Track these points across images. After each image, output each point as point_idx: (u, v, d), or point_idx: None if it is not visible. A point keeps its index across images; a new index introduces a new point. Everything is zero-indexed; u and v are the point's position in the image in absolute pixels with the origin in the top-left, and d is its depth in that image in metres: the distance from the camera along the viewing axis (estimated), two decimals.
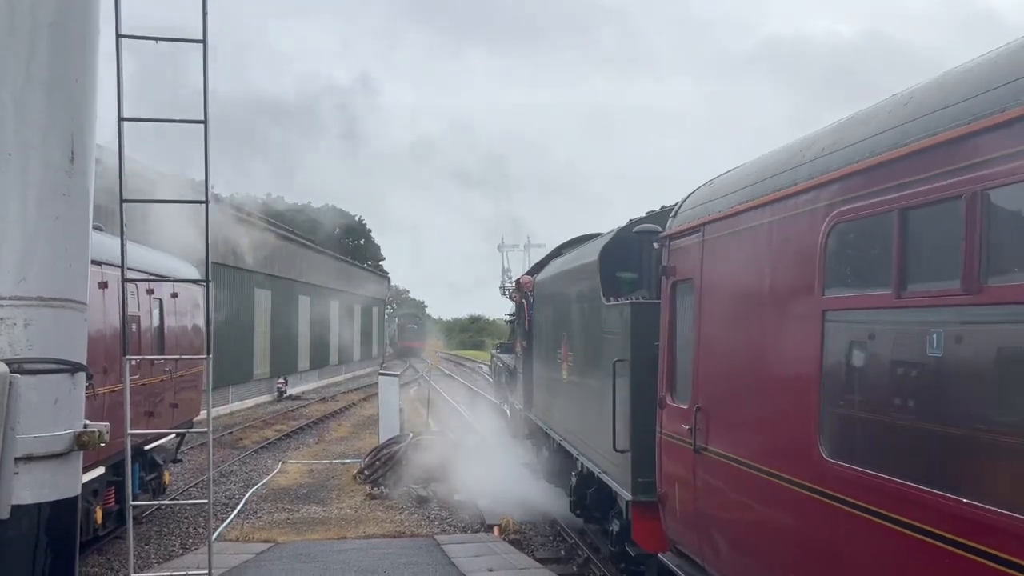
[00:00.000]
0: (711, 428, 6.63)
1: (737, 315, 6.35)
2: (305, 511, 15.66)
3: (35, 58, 2.95)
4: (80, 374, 3.10)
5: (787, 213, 5.54)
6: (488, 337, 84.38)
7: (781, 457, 5.46)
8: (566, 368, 12.36)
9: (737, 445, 6.18)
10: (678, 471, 7.35)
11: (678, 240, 7.68)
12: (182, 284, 15.36)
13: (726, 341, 6.51)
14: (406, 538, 13.42)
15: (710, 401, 6.72)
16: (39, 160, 2.95)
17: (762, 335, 5.87)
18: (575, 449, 11.70)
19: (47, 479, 2.94)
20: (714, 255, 6.81)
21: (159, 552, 13.01)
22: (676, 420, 7.35)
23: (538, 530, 14.05)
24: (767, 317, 5.79)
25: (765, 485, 5.65)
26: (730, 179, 6.91)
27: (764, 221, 5.89)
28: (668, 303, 7.82)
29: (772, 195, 5.76)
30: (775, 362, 5.66)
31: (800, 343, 5.26)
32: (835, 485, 4.77)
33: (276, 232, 43.42)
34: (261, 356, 39.08)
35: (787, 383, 5.45)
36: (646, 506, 8.52)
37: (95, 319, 10.48)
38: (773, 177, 5.84)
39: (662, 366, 7.88)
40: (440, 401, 34.17)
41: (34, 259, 2.94)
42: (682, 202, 7.91)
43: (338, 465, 20.37)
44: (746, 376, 6.14)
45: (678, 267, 7.66)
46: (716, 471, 6.53)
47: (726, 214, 6.60)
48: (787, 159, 5.78)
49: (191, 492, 17.17)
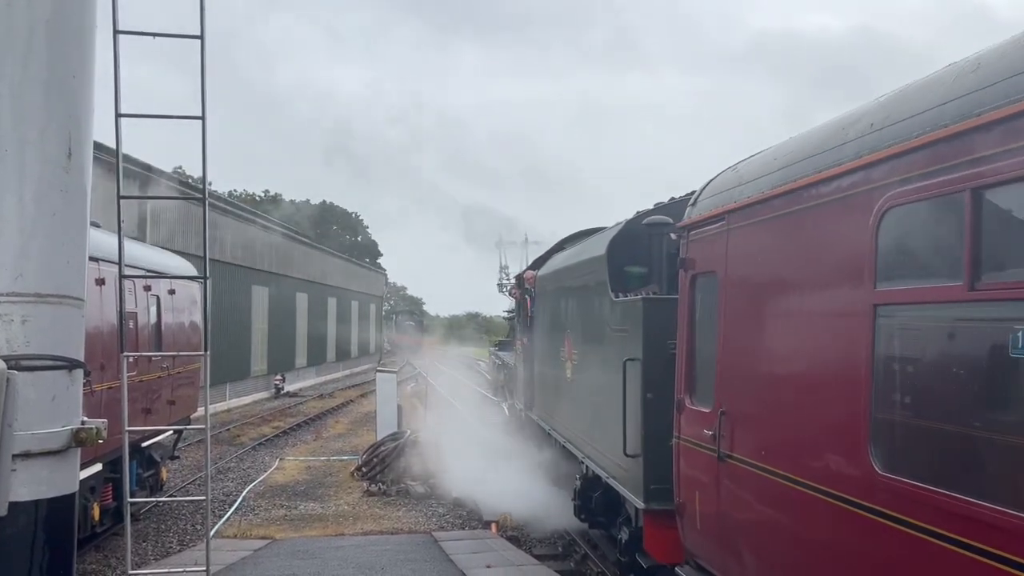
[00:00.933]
0: (737, 434, 6.10)
1: (768, 311, 5.79)
2: (303, 508, 15.66)
3: (32, 54, 2.95)
4: (78, 371, 3.09)
5: (829, 197, 5.00)
6: (486, 334, 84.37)
7: (823, 468, 4.92)
8: (570, 367, 11.99)
9: (768, 453, 5.63)
10: (699, 479, 6.83)
11: (698, 230, 7.13)
12: (180, 281, 15.34)
13: (755, 339, 5.96)
14: (404, 535, 13.43)
15: (736, 405, 6.18)
16: (36, 156, 2.94)
17: (798, 333, 5.33)
18: (580, 452, 11.28)
19: (45, 476, 2.93)
20: (740, 245, 6.27)
21: (157, 549, 13.01)
22: (697, 424, 6.83)
23: (535, 527, 14.05)
24: (804, 313, 5.27)
25: (802, 499, 5.11)
26: (758, 162, 6.33)
27: (801, 207, 5.32)
28: (687, 298, 7.29)
29: (810, 178, 5.19)
30: (814, 363, 5.13)
31: (846, 342, 4.71)
32: (889, 502, 4.26)
33: (274, 229, 43.39)
34: (259, 353, 39.07)
35: (829, 386, 4.92)
36: (659, 515, 8.05)
37: (92, 316, 10.46)
38: (811, 158, 5.28)
39: (680, 366, 7.36)
40: (438, 398, 34.17)
41: (31, 255, 2.93)
42: (702, 189, 7.34)
43: (336, 462, 20.37)
44: (779, 378, 5.61)
45: (698, 259, 7.13)
46: (743, 481, 5.99)
47: (755, 200, 5.99)
48: (827, 138, 5.21)
49: (189, 489, 17.16)
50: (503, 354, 24.19)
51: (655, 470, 8.09)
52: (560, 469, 13.33)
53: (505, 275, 36.05)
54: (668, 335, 7.95)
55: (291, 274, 44.77)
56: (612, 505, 10.23)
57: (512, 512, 14.10)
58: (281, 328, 42.53)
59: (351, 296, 61.21)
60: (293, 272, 45.10)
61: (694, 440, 6.88)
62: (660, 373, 8.05)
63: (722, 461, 6.25)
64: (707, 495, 6.63)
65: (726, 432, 6.22)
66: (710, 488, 6.54)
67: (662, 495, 7.93)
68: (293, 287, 45.47)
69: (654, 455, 8.10)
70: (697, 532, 6.89)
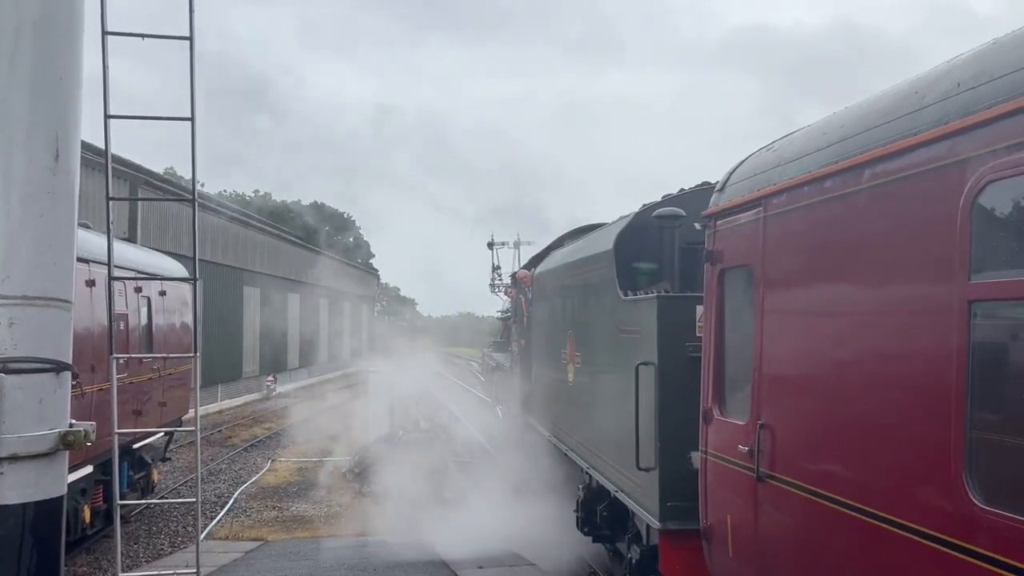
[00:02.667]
0: (781, 451, 5.36)
1: (822, 310, 5.04)
2: (294, 509, 15.63)
3: (19, 56, 2.94)
4: (65, 373, 3.08)
5: (902, 174, 4.26)
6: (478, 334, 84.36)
7: (900, 497, 4.19)
8: (573, 370, 11.24)
9: (823, 476, 4.88)
10: (731, 500, 6.09)
11: (728, 219, 6.33)
12: (170, 282, 15.31)
13: (804, 343, 5.19)
14: (396, 535, 13.41)
15: (780, 417, 5.41)
16: (23, 158, 2.93)
17: (864, 335, 4.55)
18: (584, 461, 10.51)
19: (32, 479, 2.93)
20: (782, 234, 5.49)
21: (148, 551, 12.97)
22: (729, 438, 6.08)
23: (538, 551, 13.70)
24: (872, 311, 4.50)
25: (872, 532, 4.35)
26: (802, 139, 5.56)
27: (863, 186, 4.57)
28: (715, 295, 6.51)
29: (875, 151, 4.43)
30: (887, 371, 4.35)
31: (930, 345, 3.96)
32: (994, 543, 3.53)
33: (265, 230, 43.31)
34: (250, 354, 38.98)
35: (909, 398, 4.14)
36: (677, 535, 7.39)
37: (82, 317, 10.43)
38: (874, 129, 4.53)
39: (707, 372, 6.58)
40: (429, 399, 34.14)
41: (18, 257, 2.92)
42: (731, 173, 6.57)
43: (328, 463, 20.34)
44: (837, 388, 4.80)
45: (728, 251, 6.34)
46: (789, 506, 5.24)
47: (801, 181, 5.19)
48: (894, 105, 4.48)
49: (180, 491, 17.11)
50: (497, 355, 24.01)
51: (672, 485, 7.46)
52: (560, 478, 12.57)
53: (497, 275, 35.99)
54: (686, 337, 7.40)
55: (282, 275, 44.69)
56: (618, 518, 9.61)
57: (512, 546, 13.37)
58: (272, 329, 42.44)
59: (343, 297, 61.13)
60: (284, 273, 45.02)
61: (725, 456, 6.16)
62: (677, 378, 7.45)
63: (761, 481, 5.50)
64: (741, 519, 5.90)
65: (766, 448, 5.47)
66: (745, 511, 5.81)
67: (680, 513, 7.36)
68: (285, 288, 45.38)
69: (670, 469, 7.46)
70: (728, 559, 6.15)
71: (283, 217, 61.43)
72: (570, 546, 11.81)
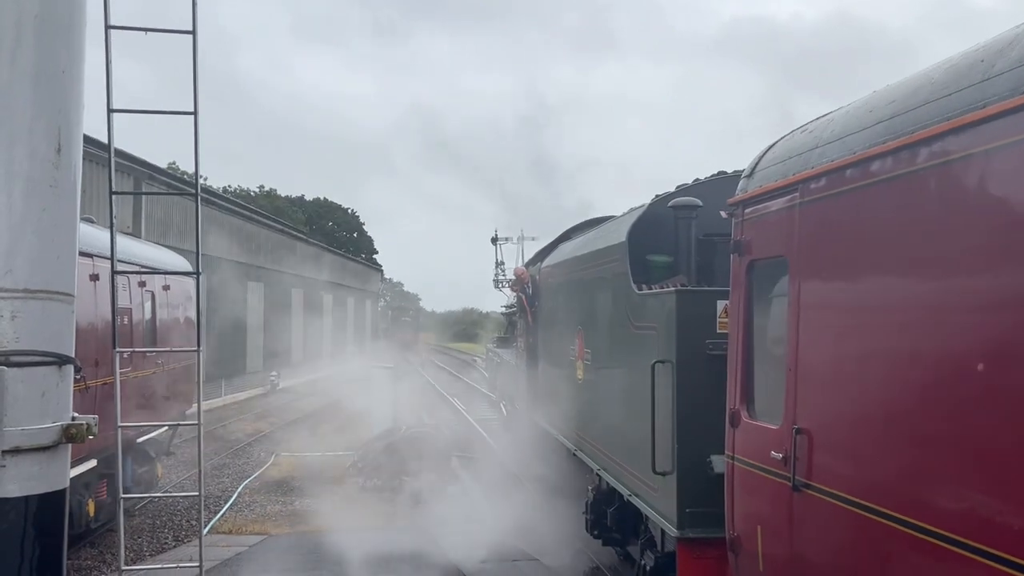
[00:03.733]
0: (820, 458, 4.95)
1: (874, 302, 4.56)
2: (298, 503, 15.66)
3: (21, 49, 2.94)
4: (68, 366, 3.09)
5: (968, 150, 3.83)
6: (481, 330, 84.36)
7: (968, 515, 3.72)
8: (582, 367, 10.88)
9: (872, 487, 4.42)
10: (762, 511, 5.68)
11: (757, 206, 5.91)
12: (174, 277, 15.33)
13: (850, 339, 4.75)
14: (399, 529, 13.43)
15: (819, 421, 4.99)
16: (25, 151, 2.93)
17: (926, 331, 4.10)
18: (595, 462, 10.12)
19: (35, 472, 2.93)
20: (821, 221, 5.07)
21: (152, 545, 13.00)
22: (760, 443, 5.66)
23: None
24: (937, 304, 4.05)
25: (931, 553, 3.88)
26: (843, 118, 5.12)
27: (922, 165, 4.14)
28: (743, 288, 6.09)
29: (937, 127, 4.00)
30: (952, 373, 3.90)
31: (1007, 344, 3.56)
32: None
33: (269, 225, 43.35)
34: (254, 349, 39.05)
35: (989, 405, 3.67)
36: (696, 543, 7.04)
37: (87, 312, 10.45)
38: (931, 103, 4.14)
39: (734, 371, 6.15)
40: (433, 394, 34.17)
41: (21, 251, 2.93)
42: (761, 157, 6.13)
43: (331, 457, 20.36)
44: (891, 390, 4.35)
45: (758, 241, 5.91)
46: (830, 519, 4.82)
47: (844, 163, 4.78)
48: (955, 76, 4.07)
49: (184, 485, 17.14)
50: (501, 351, 23.93)
51: (691, 491, 7.09)
52: (567, 477, 12.25)
53: (501, 271, 35.98)
54: (706, 334, 7.05)
55: (286, 270, 44.74)
56: (629, 521, 9.27)
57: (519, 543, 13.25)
58: (276, 324, 42.51)
59: (347, 292, 61.17)
60: (288, 268, 45.07)
61: (755, 462, 5.74)
62: (697, 378, 7.07)
63: (798, 491, 5.10)
64: (774, 531, 5.49)
65: (803, 455, 5.06)
66: (779, 523, 5.40)
67: (700, 520, 6.99)
68: (288, 283, 45.44)
69: (689, 473, 7.10)
70: (758, 574, 5.78)
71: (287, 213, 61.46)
72: (575, 544, 11.73)
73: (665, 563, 7.73)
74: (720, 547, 6.45)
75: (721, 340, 6.86)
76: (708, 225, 8.34)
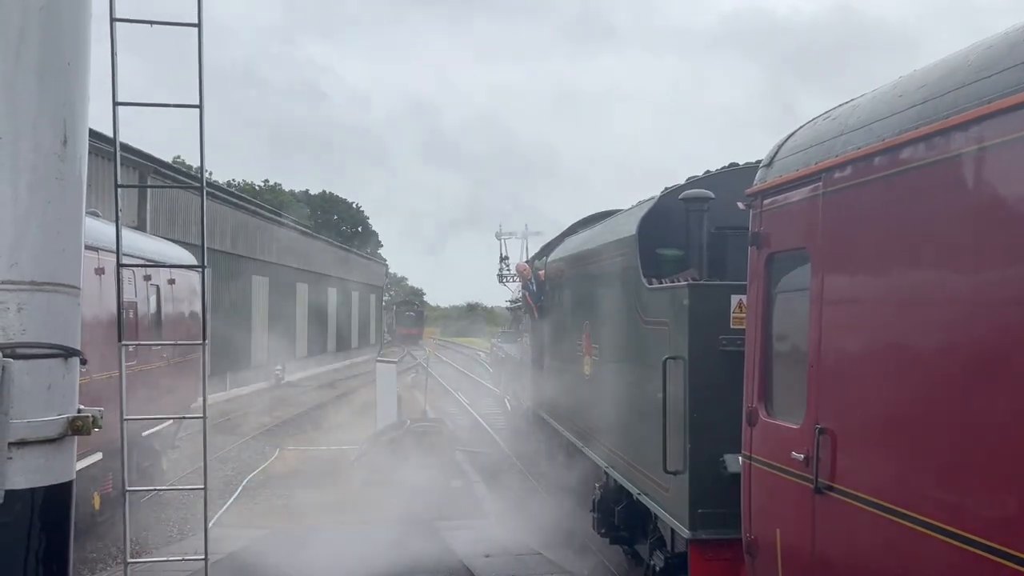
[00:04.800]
0: (844, 460, 4.77)
1: (904, 296, 4.36)
2: (302, 497, 15.70)
3: (26, 42, 2.93)
4: (74, 359, 3.09)
5: (1012, 134, 3.64)
6: (486, 324, 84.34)
7: (1008, 522, 3.56)
8: (589, 363, 10.72)
9: (901, 490, 4.23)
10: (782, 513, 5.52)
11: (777, 197, 5.73)
12: (180, 270, 15.35)
13: (878, 334, 4.54)
14: (404, 523, 13.45)
15: (844, 421, 4.80)
16: (30, 144, 2.93)
17: (960, 327, 3.89)
18: (603, 460, 10.00)
19: (41, 464, 2.94)
20: (847, 211, 4.87)
21: (157, 537, 13.04)
22: (779, 443, 5.50)
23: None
24: (971, 298, 3.84)
25: (978, 566, 3.66)
26: (869, 104, 4.93)
27: (958, 151, 3.92)
28: (762, 282, 5.90)
29: (976, 110, 3.79)
30: (994, 370, 3.69)
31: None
32: None
33: (274, 219, 43.38)
34: (259, 342, 39.10)
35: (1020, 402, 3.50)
36: (709, 544, 6.92)
37: (92, 305, 10.47)
38: (967, 87, 3.94)
39: (751, 368, 5.97)
40: (438, 388, 34.20)
41: (26, 243, 2.93)
42: (781, 145, 5.93)
43: (336, 451, 20.40)
44: (924, 388, 4.13)
45: (777, 233, 5.74)
46: (855, 523, 4.63)
47: (872, 150, 4.57)
48: (990, 60, 3.89)
49: (189, 478, 17.19)
50: (506, 345, 23.89)
51: (703, 491, 6.96)
52: (573, 474, 12.13)
53: (505, 266, 35.97)
54: (720, 329, 6.93)
55: (291, 264, 44.77)
56: (638, 519, 9.16)
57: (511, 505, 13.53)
58: (281, 318, 42.55)
59: (351, 286, 61.20)
60: (293, 262, 45.10)
61: (775, 463, 5.57)
62: (710, 374, 6.93)
63: (820, 493, 4.93)
64: (795, 535, 5.32)
65: (826, 456, 4.88)
66: (799, 527, 5.22)
67: (712, 521, 6.87)
68: (293, 277, 45.48)
69: (702, 473, 6.96)
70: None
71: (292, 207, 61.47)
72: (580, 541, 11.71)
73: (675, 564, 7.60)
74: (733, 548, 6.36)
75: (735, 336, 6.75)
76: (720, 218, 8.26)
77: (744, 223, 6.32)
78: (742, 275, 6.33)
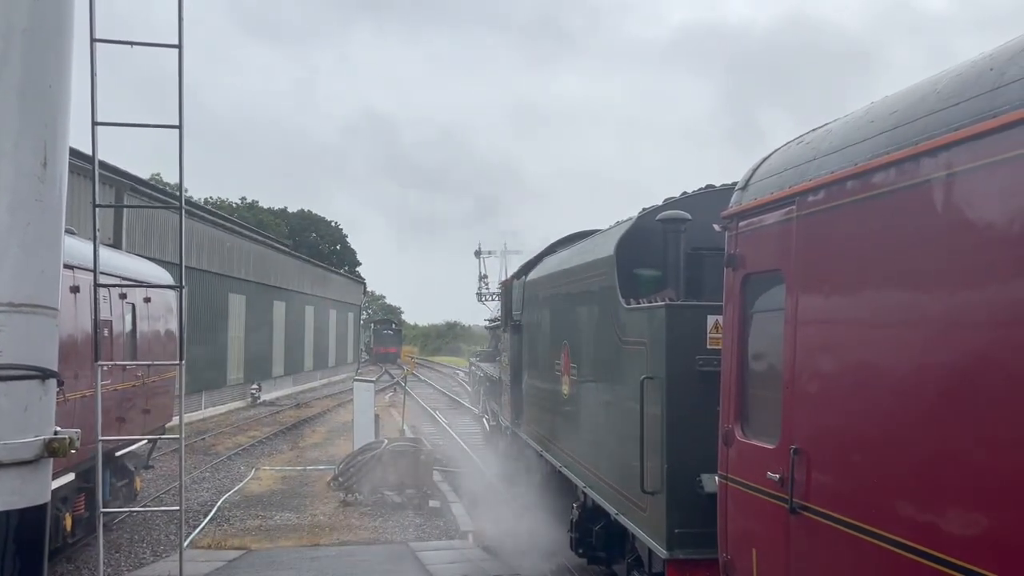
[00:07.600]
0: (818, 479, 4.81)
1: (876, 318, 4.42)
2: (278, 518, 15.56)
3: (7, 64, 2.94)
4: (51, 380, 3.07)
5: (978, 161, 3.72)
6: (464, 343, 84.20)
7: (992, 546, 3.52)
8: (567, 382, 10.77)
9: (875, 511, 4.25)
10: (757, 533, 5.56)
11: (752, 219, 5.81)
12: (156, 289, 15.24)
13: (851, 355, 4.60)
14: (380, 545, 13.37)
15: (819, 441, 4.83)
16: (11, 166, 2.93)
17: (930, 348, 3.96)
18: (581, 480, 9.98)
19: (16, 486, 2.91)
20: (820, 234, 4.95)
21: (130, 559, 12.87)
22: (755, 463, 5.52)
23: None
24: (941, 320, 3.91)
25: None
26: (841, 130, 5.02)
27: (929, 176, 3.99)
28: (737, 303, 5.96)
29: (946, 136, 3.88)
30: (963, 391, 3.74)
31: (1022, 360, 3.43)
32: None
33: (251, 237, 43.18)
34: (235, 361, 38.79)
35: (996, 424, 3.54)
36: (686, 564, 6.94)
37: (67, 324, 10.37)
38: (936, 114, 4.04)
39: (727, 388, 6.02)
40: (415, 408, 34.07)
41: (5, 265, 2.92)
42: (755, 169, 6.03)
43: (312, 472, 20.25)
44: (897, 409, 4.17)
45: (752, 255, 5.82)
46: (829, 543, 4.65)
47: (843, 175, 4.66)
48: (960, 88, 3.98)
49: (163, 498, 17.00)
50: (484, 365, 23.85)
51: (680, 511, 6.97)
52: (551, 495, 12.11)
53: (484, 284, 36.03)
54: (697, 349, 6.97)
55: (268, 282, 44.54)
56: (616, 539, 9.18)
57: (488, 522, 13.62)
58: (258, 336, 42.27)
59: (329, 305, 60.95)
60: (270, 280, 44.87)
61: (750, 483, 5.59)
62: (687, 394, 6.97)
63: (795, 514, 4.95)
64: (770, 556, 5.34)
65: (801, 476, 4.92)
66: (775, 547, 5.25)
67: (689, 541, 6.89)
68: (270, 295, 45.23)
69: (679, 493, 6.98)
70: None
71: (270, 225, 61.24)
72: (557, 561, 11.70)
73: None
74: (710, 568, 6.38)
75: (712, 356, 6.81)
76: (696, 239, 8.30)
77: (720, 244, 6.38)
78: (718, 296, 6.40)
